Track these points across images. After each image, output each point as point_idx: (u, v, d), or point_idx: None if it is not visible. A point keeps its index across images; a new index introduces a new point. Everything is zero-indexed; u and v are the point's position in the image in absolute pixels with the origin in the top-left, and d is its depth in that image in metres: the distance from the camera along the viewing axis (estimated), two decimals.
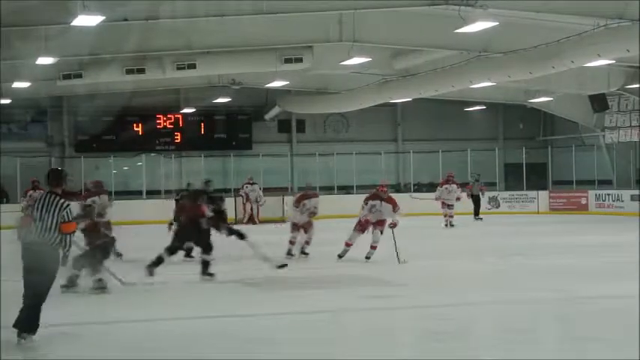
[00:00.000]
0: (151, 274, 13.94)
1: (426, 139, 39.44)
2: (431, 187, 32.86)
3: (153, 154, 36.40)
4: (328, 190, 34.79)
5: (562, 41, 21.11)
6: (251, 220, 30.88)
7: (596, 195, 35.27)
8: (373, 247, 16.81)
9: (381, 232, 16.84)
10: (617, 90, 31.86)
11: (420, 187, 36.53)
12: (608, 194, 34.80)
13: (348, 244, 17.13)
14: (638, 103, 33.91)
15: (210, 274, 14.35)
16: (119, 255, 16.89)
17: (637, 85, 30.63)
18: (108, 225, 15.55)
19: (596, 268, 16.10)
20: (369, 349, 9.31)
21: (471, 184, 32.02)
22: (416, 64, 26.93)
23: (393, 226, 16.60)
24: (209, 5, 19.01)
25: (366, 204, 16.99)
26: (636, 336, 8.18)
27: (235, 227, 16.22)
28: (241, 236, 15.15)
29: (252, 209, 31.37)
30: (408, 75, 28.15)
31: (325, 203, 20.66)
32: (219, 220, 15.47)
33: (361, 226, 17.01)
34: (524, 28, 21.68)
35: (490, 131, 41.38)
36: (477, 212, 31.48)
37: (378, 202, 16.86)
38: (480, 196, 31.72)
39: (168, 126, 36.61)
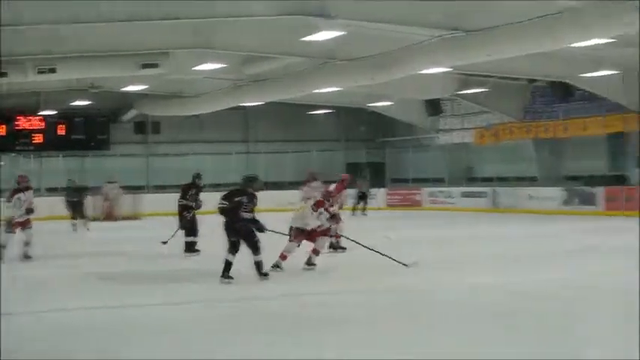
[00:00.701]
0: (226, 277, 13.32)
1: (274, 140, 40.73)
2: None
3: (13, 155, 36.69)
4: None
5: (401, 50, 22.17)
6: (109, 217, 31.76)
7: (429, 192, 37.18)
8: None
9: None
10: (451, 95, 33.64)
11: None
12: (441, 191, 36.79)
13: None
14: (469, 108, 35.82)
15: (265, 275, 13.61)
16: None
17: (469, 91, 32.37)
18: None
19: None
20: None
21: (359, 182, 33.06)
22: (265, 70, 27.21)
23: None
24: (68, 11, 18.39)
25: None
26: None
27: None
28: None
29: (110, 207, 32.27)
30: (259, 80, 28.81)
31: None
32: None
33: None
34: (368, 38, 21.97)
35: (333, 133, 42.77)
36: (364, 208, 32.92)
37: None
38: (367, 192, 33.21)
39: (28, 127, 36.75)
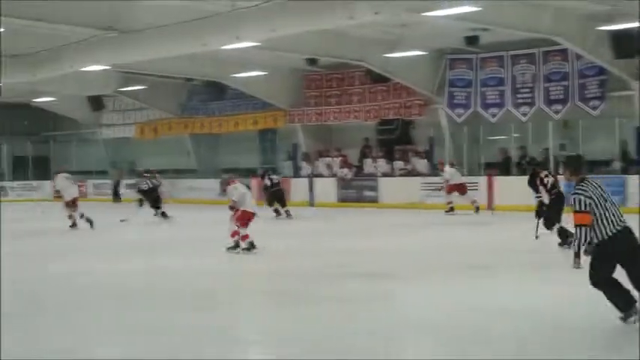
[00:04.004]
0: None
1: None
2: None
3: None
4: None
5: (62, 47, 21.75)
6: None
7: (94, 184, 36.53)
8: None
9: None
10: (113, 92, 33.16)
11: None
12: (105, 183, 36.29)
13: None
14: (130, 104, 35.50)
15: None
16: None
17: (129, 88, 32.20)
18: None
19: None
20: None
21: None
22: None
23: None
24: None
25: None
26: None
27: None
28: None
29: None
30: None
31: None
32: None
33: None
34: (28, 35, 21.66)
35: None
36: None
37: None
38: None
39: None
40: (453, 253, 14.31)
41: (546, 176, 14.25)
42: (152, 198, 22.94)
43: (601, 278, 7.88)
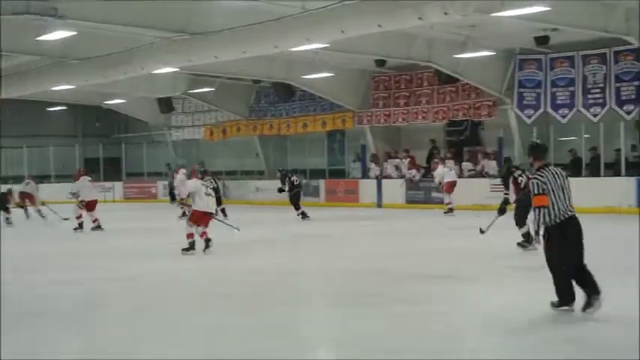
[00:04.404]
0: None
1: (12, 136, 38.78)
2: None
3: None
4: None
5: (133, 50, 21.85)
6: None
7: (163, 185, 36.79)
8: None
9: None
10: (182, 94, 33.48)
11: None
12: None
13: None
14: (199, 106, 35.81)
15: None
16: None
17: (198, 90, 32.44)
18: None
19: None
20: None
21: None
22: (1, 67, 26.32)
23: None
24: None
25: None
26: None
27: None
28: None
29: None
30: None
31: None
32: None
33: None
34: (99, 38, 21.85)
35: (70, 129, 41.66)
36: None
37: None
38: None
39: None
40: (524, 254, 14.15)
41: (520, 175, 14.60)
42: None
43: (555, 263, 8.62)
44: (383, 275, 12.17)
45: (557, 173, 8.71)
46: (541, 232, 8.64)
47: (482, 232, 15.24)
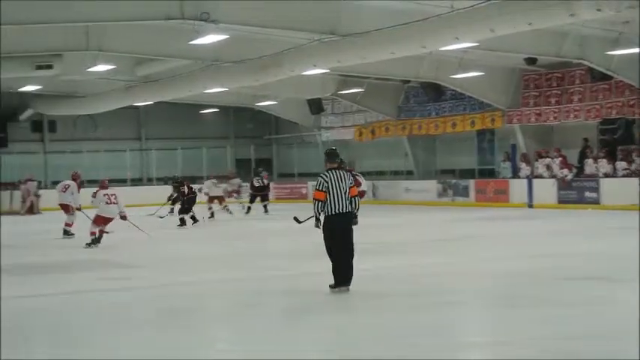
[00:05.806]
0: None
1: (166, 138, 40.22)
2: None
3: None
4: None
5: (283, 52, 22.17)
6: (30, 211, 31.86)
7: (312, 185, 37.04)
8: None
9: None
10: (331, 95, 33.76)
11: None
12: None
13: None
14: (348, 107, 36.01)
15: None
16: None
17: (347, 91, 32.64)
18: None
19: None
20: (108, 326, 9.21)
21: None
22: (156, 71, 27.37)
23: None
24: None
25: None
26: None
27: None
28: None
29: (32, 201, 32.33)
30: (150, 81, 28.58)
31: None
32: None
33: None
34: (251, 41, 22.52)
35: (222, 131, 42.59)
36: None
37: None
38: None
39: None
40: None
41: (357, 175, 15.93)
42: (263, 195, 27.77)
43: (328, 248, 10.49)
44: (530, 276, 11.93)
45: (342, 176, 10.41)
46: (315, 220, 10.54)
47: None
